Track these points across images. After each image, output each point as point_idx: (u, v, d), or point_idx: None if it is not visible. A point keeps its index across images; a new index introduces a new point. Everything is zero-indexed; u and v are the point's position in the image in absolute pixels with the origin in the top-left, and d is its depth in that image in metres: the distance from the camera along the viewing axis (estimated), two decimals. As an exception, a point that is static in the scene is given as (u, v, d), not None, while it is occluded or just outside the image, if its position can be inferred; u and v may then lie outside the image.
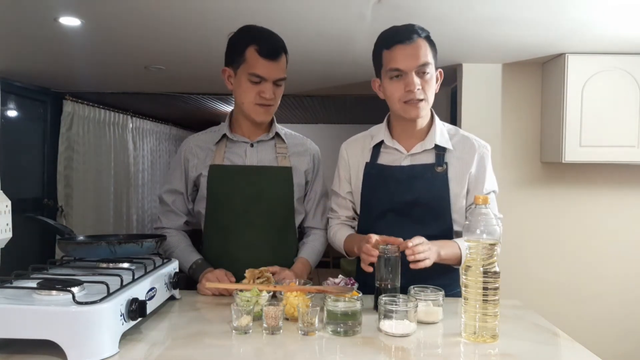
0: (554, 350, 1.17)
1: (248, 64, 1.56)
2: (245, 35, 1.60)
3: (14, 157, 3.45)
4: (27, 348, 1.04)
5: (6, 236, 1.31)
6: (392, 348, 1.11)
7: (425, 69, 1.44)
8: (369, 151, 1.59)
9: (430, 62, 1.45)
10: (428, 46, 1.45)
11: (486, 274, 1.13)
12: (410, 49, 1.43)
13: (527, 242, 3.06)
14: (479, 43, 2.58)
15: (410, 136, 1.54)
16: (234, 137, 1.68)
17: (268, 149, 1.70)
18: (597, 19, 2.17)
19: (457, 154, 1.53)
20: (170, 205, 1.71)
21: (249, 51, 1.56)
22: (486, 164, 1.53)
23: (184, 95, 4.33)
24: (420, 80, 1.43)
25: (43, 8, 2.07)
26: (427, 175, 1.50)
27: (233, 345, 1.13)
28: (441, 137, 1.53)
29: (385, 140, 1.56)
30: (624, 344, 3.03)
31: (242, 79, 1.58)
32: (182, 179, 1.70)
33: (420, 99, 1.44)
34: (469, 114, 3.08)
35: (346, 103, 4.98)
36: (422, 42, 1.44)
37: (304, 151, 1.75)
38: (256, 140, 1.69)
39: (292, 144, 1.74)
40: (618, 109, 2.74)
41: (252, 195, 1.63)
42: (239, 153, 1.68)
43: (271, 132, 1.71)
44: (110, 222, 4.55)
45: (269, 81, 1.57)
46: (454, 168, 1.51)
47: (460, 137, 1.56)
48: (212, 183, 1.64)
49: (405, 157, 1.54)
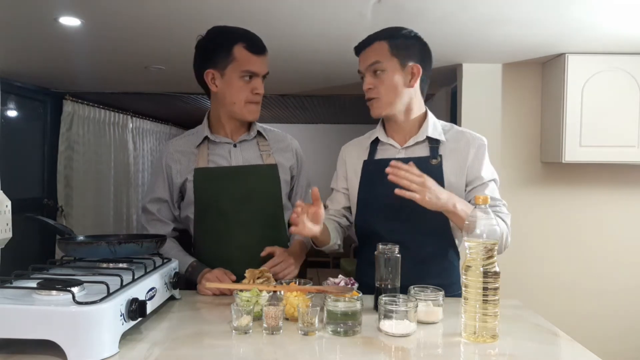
0: (554, 350, 1.17)
1: (239, 61, 1.56)
2: (227, 34, 1.60)
3: (14, 157, 3.45)
4: (27, 348, 1.04)
5: (6, 236, 1.31)
6: (392, 348, 1.11)
7: (376, 67, 1.50)
8: (366, 150, 1.62)
9: (382, 61, 1.49)
10: (387, 46, 1.50)
11: (486, 274, 1.13)
12: (365, 52, 1.53)
13: (527, 242, 3.06)
14: (479, 43, 2.58)
15: (401, 132, 1.58)
16: (215, 138, 1.67)
17: (252, 148, 1.70)
18: (597, 18, 2.17)
19: (452, 146, 1.55)
20: (155, 214, 1.69)
21: (237, 49, 1.56)
22: (483, 155, 1.55)
23: (184, 95, 4.33)
24: (374, 79, 1.51)
25: (43, 8, 2.07)
26: (422, 168, 1.50)
27: (233, 345, 1.13)
28: (434, 130, 1.56)
29: (380, 137, 1.60)
30: (624, 343, 3.03)
31: (233, 79, 1.58)
32: (165, 187, 1.68)
33: (372, 97, 1.53)
34: (469, 114, 3.08)
35: (346, 103, 4.98)
36: (378, 44, 1.51)
37: (286, 147, 1.76)
38: (239, 140, 1.69)
39: (273, 140, 1.74)
40: (618, 109, 2.74)
41: (241, 195, 1.63)
42: (222, 154, 1.67)
43: (252, 130, 1.71)
44: (110, 222, 4.55)
45: (260, 76, 1.59)
46: (448, 160, 1.53)
47: (455, 131, 1.59)
48: (198, 187, 1.63)
49: (400, 150, 1.57)
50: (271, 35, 2.39)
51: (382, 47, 1.50)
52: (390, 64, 1.49)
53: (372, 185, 1.57)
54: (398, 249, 1.33)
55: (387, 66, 1.49)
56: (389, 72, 1.50)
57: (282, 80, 3.53)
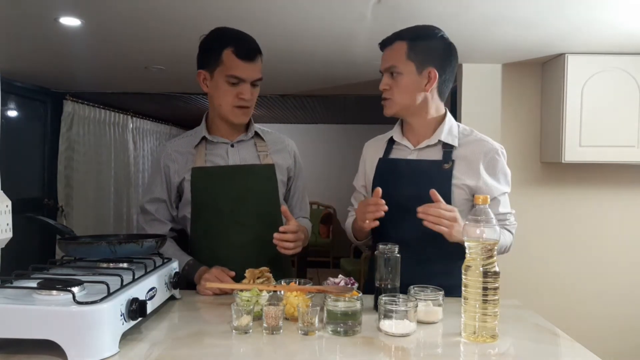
0: (554, 350, 1.17)
1: (225, 66, 1.56)
2: (220, 37, 1.60)
3: (14, 157, 3.44)
4: (27, 348, 1.04)
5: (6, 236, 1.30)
6: (392, 348, 1.11)
7: (392, 70, 1.51)
8: (383, 148, 1.64)
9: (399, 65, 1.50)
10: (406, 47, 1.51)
11: (486, 274, 1.13)
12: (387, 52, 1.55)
13: (527, 242, 3.06)
14: (479, 43, 2.58)
15: (415, 133, 1.59)
16: (213, 138, 1.68)
17: (249, 148, 1.70)
18: (597, 19, 2.17)
19: (464, 153, 1.53)
20: (154, 214, 1.69)
21: (226, 54, 1.56)
22: (495, 166, 1.53)
23: (184, 95, 4.33)
24: (390, 80, 1.53)
25: (43, 8, 2.07)
26: (432, 171, 1.52)
27: (233, 345, 1.13)
28: (448, 135, 1.55)
29: (395, 137, 1.62)
30: (624, 343, 3.03)
31: (219, 82, 1.58)
32: (163, 187, 1.69)
33: (385, 98, 1.54)
34: (468, 114, 3.08)
35: (346, 103, 4.98)
36: (398, 45, 1.51)
37: (283, 148, 1.76)
38: (236, 140, 1.69)
39: (271, 141, 1.75)
40: (618, 109, 2.74)
41: (238, 195, 1.63)
42: (220, 154, 1.67)
43: (250, 131, 1.71)
44: (110, 222, 4.55)
45: (247, 82, 1.58)
46: (460, 167, 1.52)
47: (472, 138, 1.57)
48: (195, 186, 1.64)
49: (412, 151, 1.58)
50: (271, 35, 2.40)
51: (401, 49, 1.50)
52: (407, 67, 1.50)
53: (384, 183, 1.57)
54: (398, 249, 1.33)
55: (403, 70, 1.50)
56: (405, 75, 1.51)
57: (282, 80, 3.53)
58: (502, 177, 1.55)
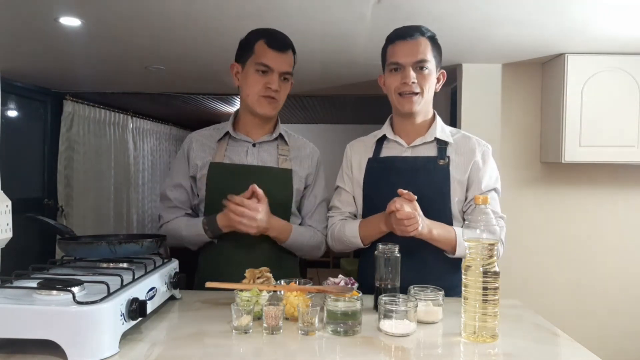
0: (554, 350, 1.17)
1: (256, 54, 1.60)
2: (255, 32, 1.65)
3: (14, 157, 3.45)
4: (27, 348, 1.04)
5: (6, 236, 1.31)
6: (392, 348, 1.11)
7: (423, 64, 1.49)
8: (371, 147, 1.63)
9: (429, 60, 1.50)
10: (430, 45, 1.52)
11: (486, 274, 1.13)
12: (411, 45, 1.50)
13: (527, 242, 3.06)
14: (479, 43, 2.58)
15: (410, 132, 1.59)
16: (236, 135, 1.68)
17: (270, 150, 1.69)
18: (597, 19, 2.17)
19: (458, 150, 1.56)
20: (173, 200, 1.70)
21: (258, 44, 1.61)
22: (486, 162, 1.56)
23: (184, 95, 4.33)
24: (417, 74, 1.49)
25: (43, 8, 2.07)
26: (430, 167, 1.52)
27: (233, 345, 1.13)
28: (442, 132, 1.58)
29: (387, 134, 1.61)
30: (624, 343, 3.03)
31: (249, 72, 1.61)
32: (186, 173, 1.70)
33: (415, 92, 1.50)
34: (468, 114, 3.08)
35: (346, 103, 4.98)
36: (423, 40, 1.51)
37: (306, 155, 1.74)
38: (259, 141, 1.69)
39: (294, 146, 1.73)
40: (618, 109, 2.74)
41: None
42: (240, 152, 1.67)
43: (275, 132, 1.71)
44: (110, 222, 4.55)
45: (276, 72, 1.60)
46: (455, 162, 1.54)
47: (461, 136, 1.60)
48: (211, 180, 1.64)
49: (406, 149, 1.58)
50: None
51: (427, 45, 1.51)
52: (432, 64, 1.52)
53: (376, 183, 1.57)
54: (398, 249, 1.33)
55: (430, 66, 1.51)
56: (432, 71, 1.52)
57: (282, 80, 3.52)
58: (492, 173, 1.56)
